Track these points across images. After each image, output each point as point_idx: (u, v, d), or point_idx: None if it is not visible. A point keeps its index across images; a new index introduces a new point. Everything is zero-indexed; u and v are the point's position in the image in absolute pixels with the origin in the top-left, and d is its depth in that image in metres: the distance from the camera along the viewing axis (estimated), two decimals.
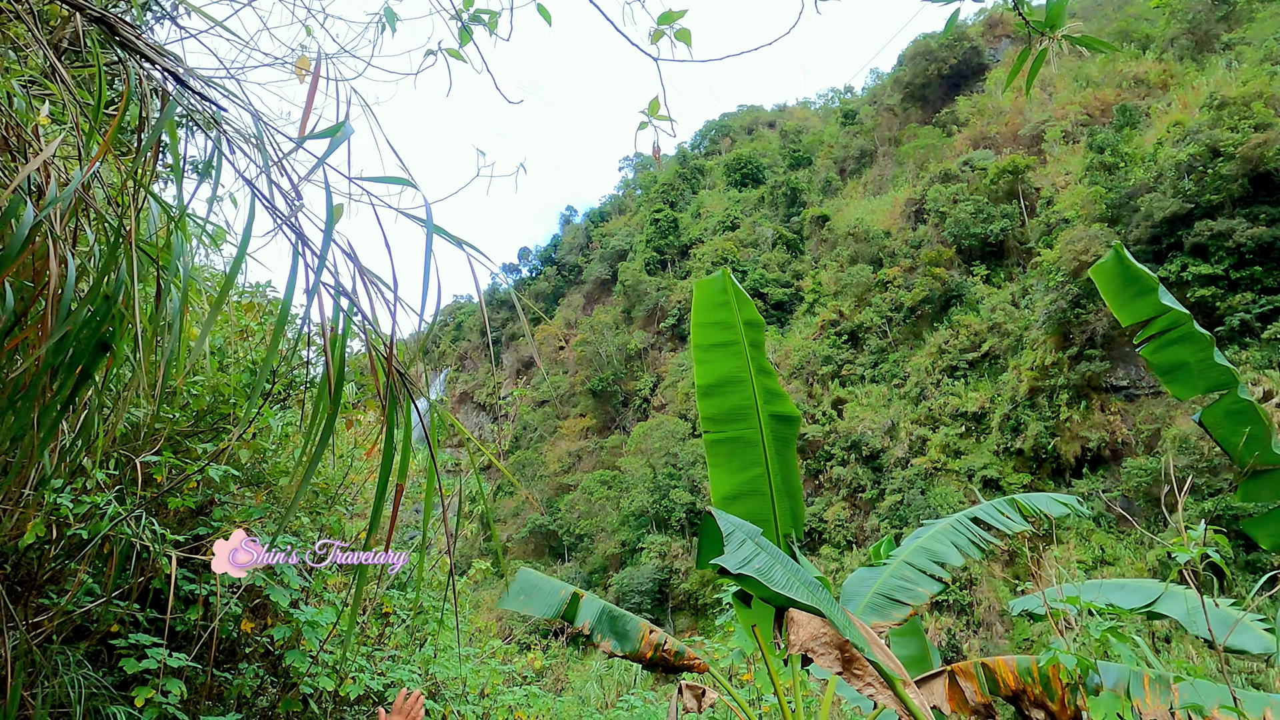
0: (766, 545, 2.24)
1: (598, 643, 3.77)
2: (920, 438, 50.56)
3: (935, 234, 60.23)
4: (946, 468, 48.31)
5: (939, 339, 54.30)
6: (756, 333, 3.49)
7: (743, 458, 3.64)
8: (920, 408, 52.10)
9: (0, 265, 1.35)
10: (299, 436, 6.78)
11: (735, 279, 3.55)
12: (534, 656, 10.83)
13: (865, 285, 60.75)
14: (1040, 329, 46.57)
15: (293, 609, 5.67)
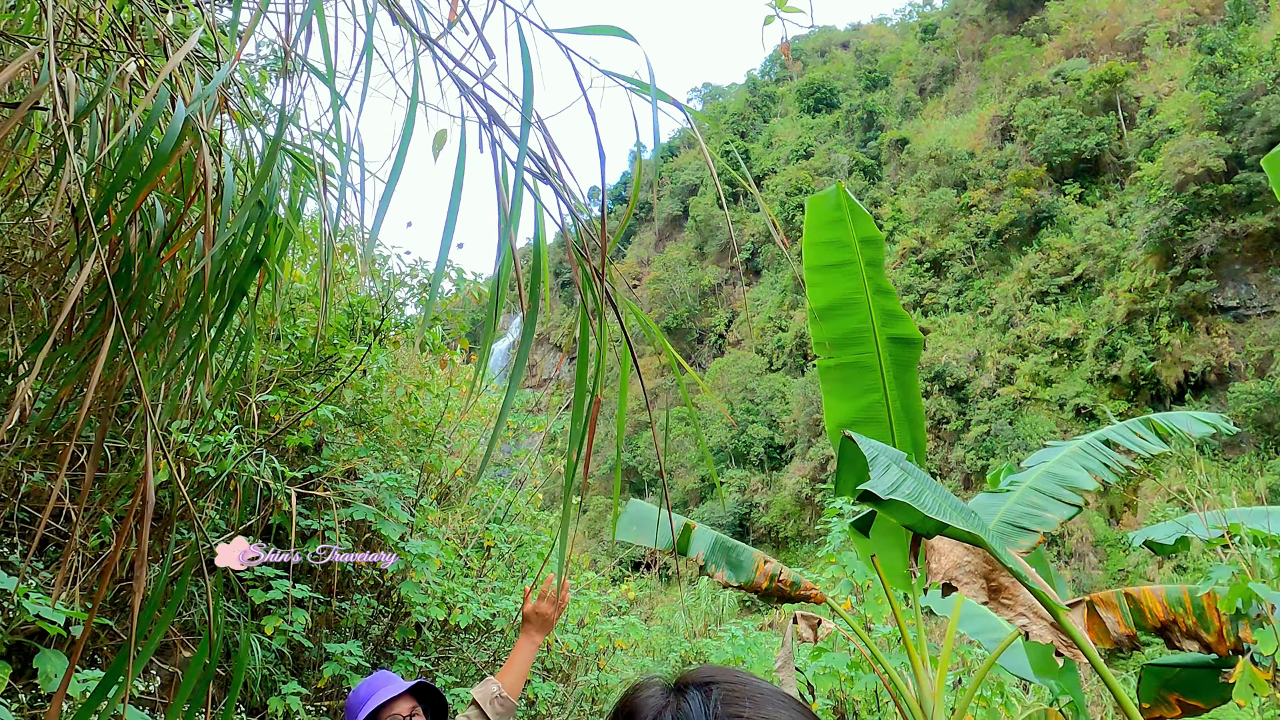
0: (913, 470, 2.12)
1: (712, 573, 3.73)
2: (1008, 367, 48.90)
3: (1024, 152, 57.12)
4: (1036, 397, 46.73)
5: (1028, 263, 51.96)
6: (874, 250, 3.29)
7: (860, 383, 3.48)
8: (1008, 335, 50.26)
9: (154, 167, 1.31)
10: (396, 377, 6.91)
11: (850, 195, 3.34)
12: (628, 588, 11.04)
13: (948, 210, 58.32)
14: (1140, 248, 44.01)
15: (401, 542, 5.84)
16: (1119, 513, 39.93)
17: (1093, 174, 54.11)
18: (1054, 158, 54.45)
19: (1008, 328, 51.12)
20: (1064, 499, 3.39)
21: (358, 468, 6.32)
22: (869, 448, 2.14)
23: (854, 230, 3.28)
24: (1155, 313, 43.29)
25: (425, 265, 6.66)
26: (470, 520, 8.56)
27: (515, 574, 8.65)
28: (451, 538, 8.06)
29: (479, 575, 8.00)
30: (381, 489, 5.74)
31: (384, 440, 7.03)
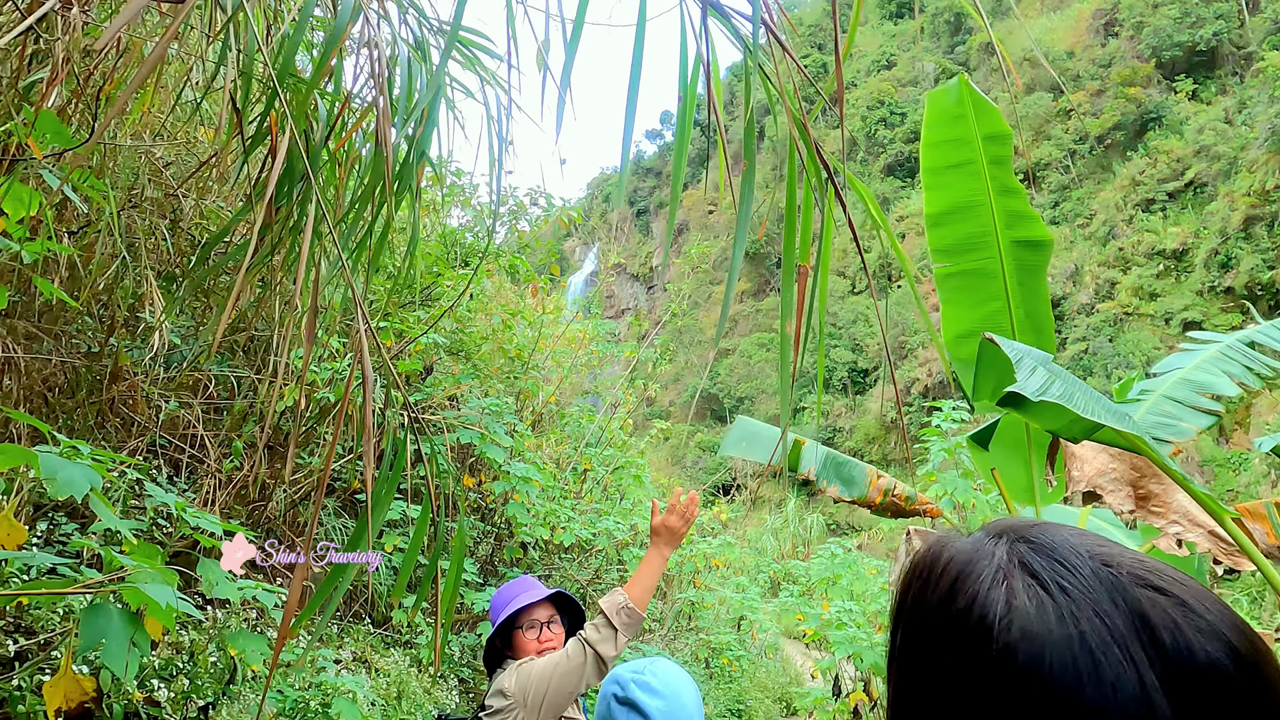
0: (1060, 371, 2.00)
1: (824, 488, 3.69)
2: (1108, 281, 46.40)
3: (1129, 48, 52.86)
4: (1139, 312, 44.35)
5: (1133, 170, 48.64)
6: (1000, 147, 3.08)
7: (979, 291, 3.31)
8: (1109, 248, 47.55)
9: (330, 42, 1.30)
10: (491, 305, 7.00)
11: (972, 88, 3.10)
12: (719, 509, 11.19)
13: (1044, 116, 54.84)
14: (1261, 147, 40.55)
15: (505, 465, 6.01)
16: (1229, 431, 38.05)
17: (1208, 68, 49.80)
18: (1164, 52, 50.21)
19: (1108, 240, 48.32)
20: (1201, 406, 3.19)
21: (459, 394, 6.49)
22: (1013, 349, 2.02)
23: (976, 127, 3.07)
24: (1276, 217, 40.13)
25: (515, 192, 6.65)
26: (563, 446, 8.76)
27: (611, 496, 8.86)
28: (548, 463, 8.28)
29: (576, 498, 8.21)
30: (485, 414, 5.89)
31: (480, 368, 7.20)
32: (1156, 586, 0.54)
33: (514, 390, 7.58)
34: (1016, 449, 3.43)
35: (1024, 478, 3.58)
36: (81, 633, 1.38)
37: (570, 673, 2.18)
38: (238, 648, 2.52)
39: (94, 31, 2.08)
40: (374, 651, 4.90)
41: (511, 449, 6.65)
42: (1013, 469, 3.50)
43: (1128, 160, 49.61)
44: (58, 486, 1.84)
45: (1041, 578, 0.56)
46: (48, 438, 1.79)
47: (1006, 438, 3.43)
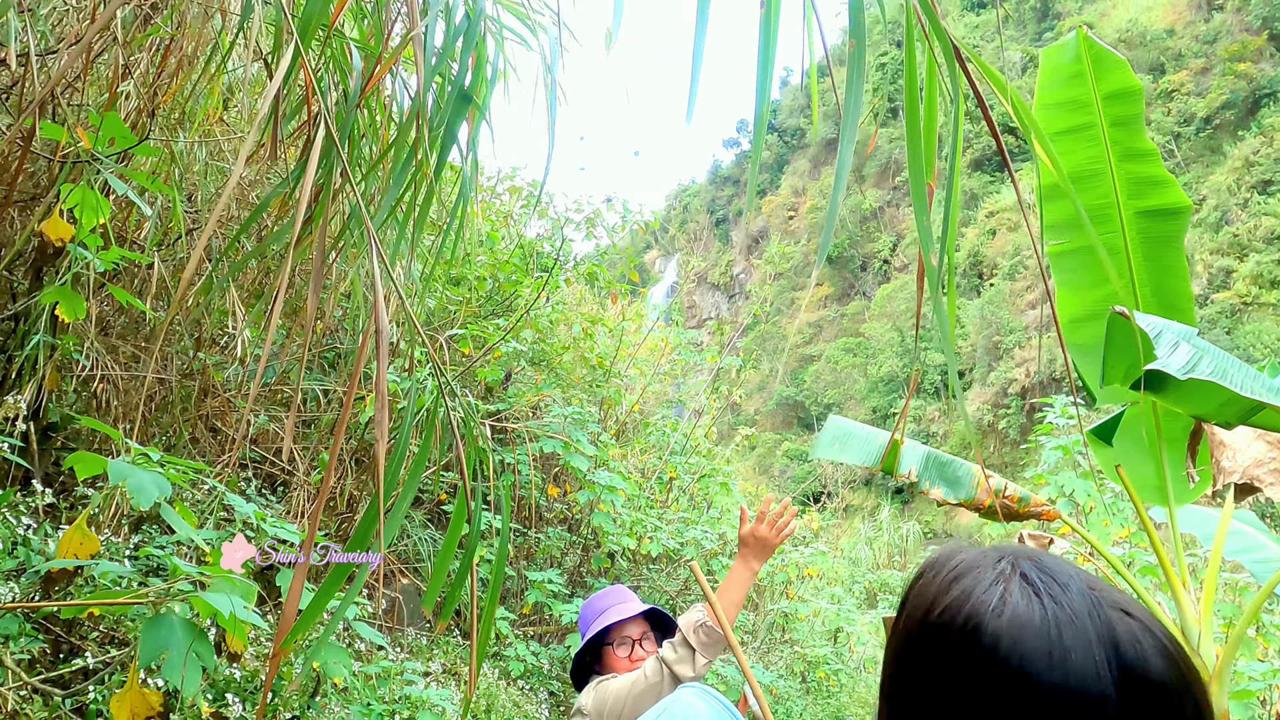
0: (1207, 346, 1.74)
1: (926, 490, 3.43)
2: (1223, 270, 43.47)
3: (1237, 21, 49.66)
4: (1259, 301, 41.37)
5: (1245, 150, 45.54)
6: (1124, 106, 2.77)
7: (1099, 270, 3.01)
8: (1222, 234, 44.56)
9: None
10: (571, 314, 6.95)
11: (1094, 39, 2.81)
12: (811, 518, 10.84)
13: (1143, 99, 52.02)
14: None
15: (589, 475, 5.91)
16: None
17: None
18: (1277, 23, 47.00)
19: (1221, 225, 45.32)
20: None
21: (542, 404, 6.44)
22: (1149, 323, 1.78)
23: (1096, 86, 2.78)
24: None
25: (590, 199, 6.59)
26: (648, 455, 8.63)
27: (698, 505, 8.67)
28: (632, 472, 8.16)
29: (663, 507, 8.07)
30: (568, 423, 5.81)
31: (562, 377, 7.15)
32: (1126, 610, 0.64)
33: (596, 399, 7.51)
34: (1144, 442, 3.11)
35: (1153, 474, 3.24)
36: (141, 644, 1.31)
37: (646, 693, 2.02)
38: (320, 660, 2.46)
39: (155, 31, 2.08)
40: (463, 664, 4.85)
41: (596, 458, 6.56)
42: (1140, 465, 3.17)
43: (1239, 140, 46.47)
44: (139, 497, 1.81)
45: (1036, 587, 0.64)
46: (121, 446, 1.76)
47: (1133, 430, 3.11)
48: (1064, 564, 0.67)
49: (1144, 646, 0.62)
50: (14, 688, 1.87)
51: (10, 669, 1.79)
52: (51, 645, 2.57)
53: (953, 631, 0.64)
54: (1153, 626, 0.63)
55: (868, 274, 76.01)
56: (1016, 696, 0.61)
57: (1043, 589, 0.64)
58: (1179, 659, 0.63)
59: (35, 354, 3.01)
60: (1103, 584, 0.66)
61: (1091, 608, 0.63)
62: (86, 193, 1.72)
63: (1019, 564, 0.67)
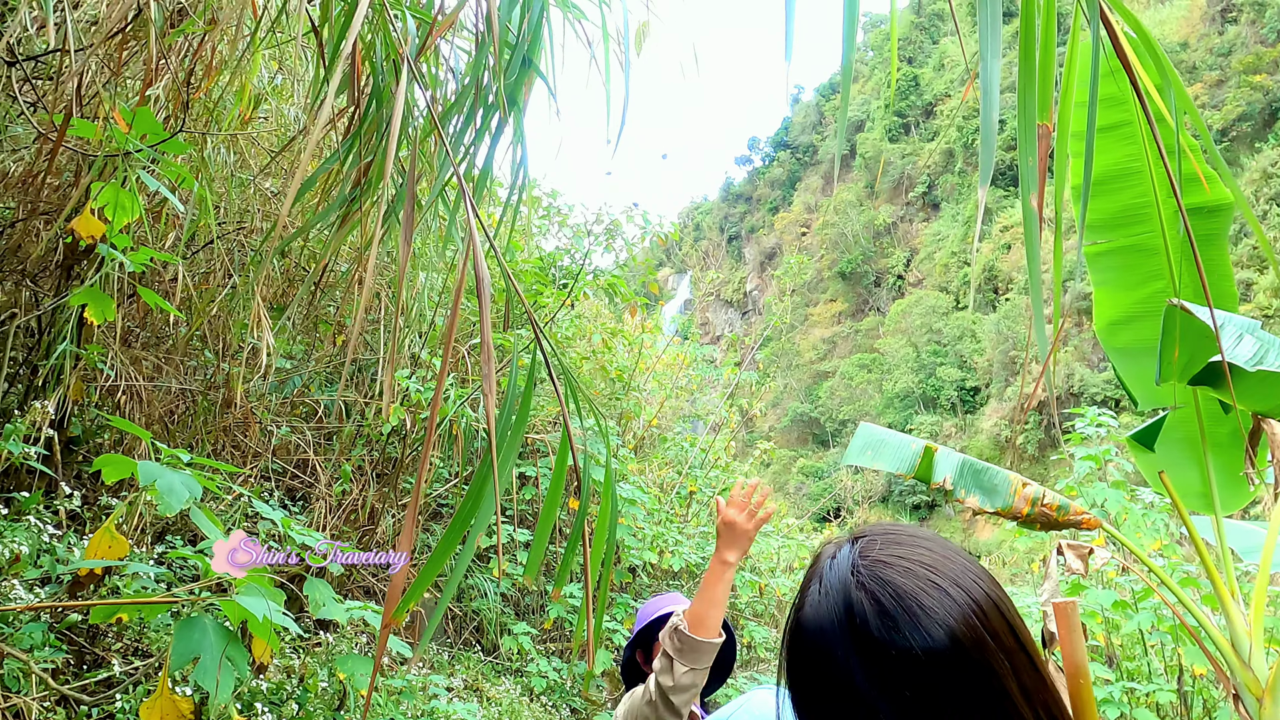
0: (1272, 339, 1.67)
1: (962, 499, 3.34)
2: (1243, 282, 43.01)
3: (1251, 34, 49.48)
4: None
5: (1262, 162, 45.22)
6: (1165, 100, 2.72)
7: (1138, 270, 2.94)
8: (1241, 247, 44.16)
9: None
10: (590, 326, 6.92)
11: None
12: (831, 532, 10.72)
13: None
14: None
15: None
16: None
17: None
18: None
19: (1240, 238, 44.93)
20: None
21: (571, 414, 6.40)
22: (1209, 316, 1.71)
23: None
24: None
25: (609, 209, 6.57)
26: (666, 470, 8.56)
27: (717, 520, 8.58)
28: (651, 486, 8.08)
29: (683, 521, 7.98)
30: (589, 435, 5.76)
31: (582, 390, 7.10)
32: (868, 588, 0.74)
33: (615, 412, 7.46)
34: (1189, 447, 3.02)
35: (1198, 481, 3.14)
36: (174, 648, 1.26)
37: (641, 709, 1.88)
38: (346, 671, 2.41)
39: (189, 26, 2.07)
40: (485, 680, 4.78)
41: (617, 472, 6.50)
42: (1185, 471, 3.08)
43: (1257, 152, 46.14)
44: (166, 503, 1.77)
45: (824, 582, 0.78)
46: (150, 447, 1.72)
47: (1177, 434, 3.02)
48: (867, 546, 0.78)
49: (870, 619, 0.72)
50: (38, 697, 1.83)
51: (36, 675, 1.75)
52: (75, 656, 2.52)
53: (791, 621, 0.80)
54: (889, 595, 0.72)
55: (881, 289, 75.76)
56: (804, 675, 0.77)
57: (826, 583, 0.77)
58: (927, 622, 0.71)
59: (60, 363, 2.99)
60: (875, 555, 0.77)
61: (845, 590, 0.75)
62: (118, 191, 1.70)
63: (827, 555, 0.81)
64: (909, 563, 0.76)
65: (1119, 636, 4.97)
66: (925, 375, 58.72)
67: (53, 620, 2.30)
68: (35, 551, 2.31)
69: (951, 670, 0.70)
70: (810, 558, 0.91)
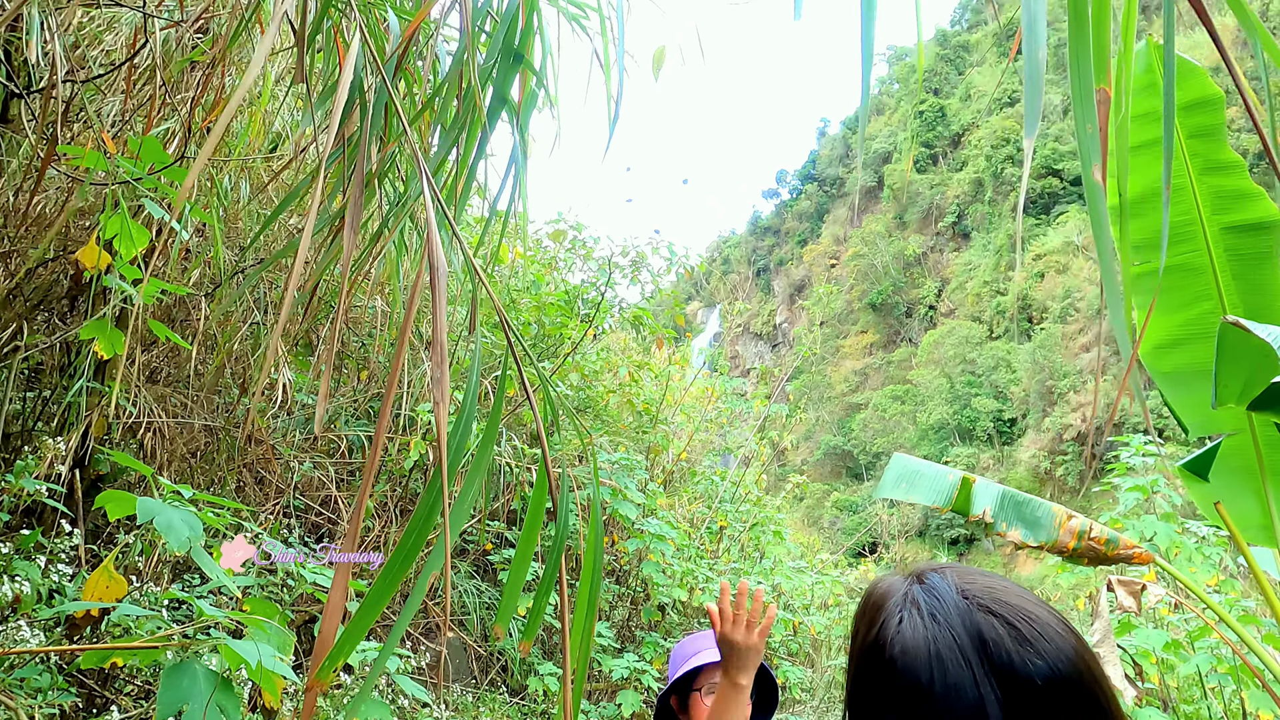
0: None
1: (1003, 532, 3.19)
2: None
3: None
4: None
5: None
6: (1206, 115, 2.61)
7: (1184, 291, 2.81)
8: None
9: None
10: (618, 359, 6.86)
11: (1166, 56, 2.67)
12: (868, 568, 10.45)
13: None
14: None
15: (637, 524, 5.73)
16: None
17: None
18: None
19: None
20: None
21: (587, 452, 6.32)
22: (1271, 334, 1.59)
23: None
24: None
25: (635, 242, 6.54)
26: (696, 504, 8.41)
27: (749, 555, 8.39)
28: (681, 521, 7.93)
29: (714, 557, 7.81)
30: (616, 469, 5.66)
31: (608, 424, 7.02)
32: (995, 612, 0.73)
33: (643, 446, 7.36)
34: (1246, 476, 2.85)
35: (1257, 512, 2.96)
36: (160, 696, 1.19)
37: None
38: (360, 716, 2.32)
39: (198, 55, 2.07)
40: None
41: (644, 506, 6.38)
42: (1243, 501, 2.91)
43: None
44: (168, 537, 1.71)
45: (921, 608, 0.75)
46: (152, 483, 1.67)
47: (1232, 462, 2.86)
48: (950, 574, 0.77)
49: (1007, 644, 0.69)
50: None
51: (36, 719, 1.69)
52: (85, 699, 2.46)
53: (873, 655, 0.75)
54: (1022, 624, 0.70)
55: (913, 320, 75.06)
56: (915, 707, 0.70)
57: (925, 608, 0.74)
58: (1058, 656, 0.69)
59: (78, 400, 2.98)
60: (978, 583, 0.75)
61: (964, 614, 0.72)
62: (125, 221, 1.67)
63: (912, 589, 0.77)
64: (1015, 592, 0.75)
65: (1174, 678, 4.72)
66: (960, 406, 57.78)
67: (62, 662, 2.24)
68: (47, 590, 2.26)
69: (1072, 698, 0.69)
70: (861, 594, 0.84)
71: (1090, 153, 0.82)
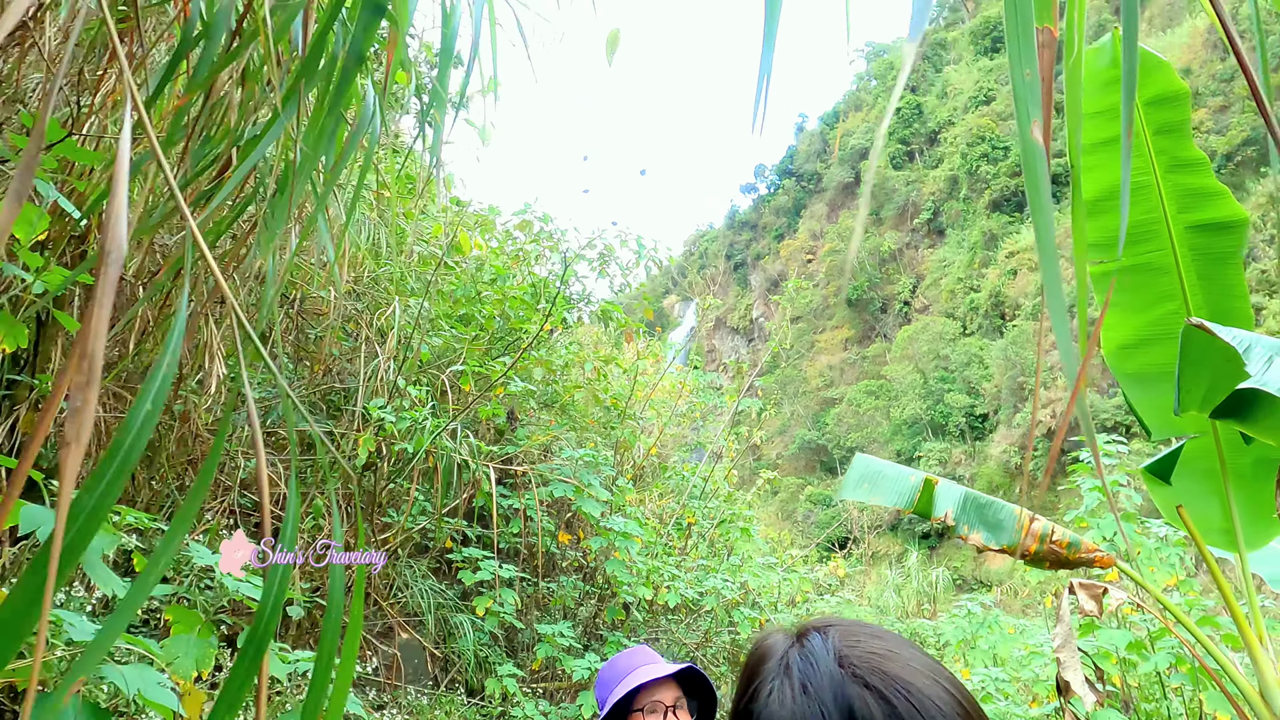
0: None
1: (965, 535, 3.14)
2: (1254, 307, 42.69)
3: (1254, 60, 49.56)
4: None
5: (1269, 186, 45.05)
6: (1169, 112, 2.55)
7: (1149, 291, 2.76)
8: (1249, 271, 43.86)
9: None
10: (584, 353, 6.75)
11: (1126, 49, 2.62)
12: (837, 564, 10.43)
13: None
14: None
15: (602, 520, 5.64)
16: None
17: None
18: None
19: (1249, 263, 44.67)
20: None
21: (553, 447, 6.20)
22: (1235, 336, 1.52)
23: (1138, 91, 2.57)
24: None
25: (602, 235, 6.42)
26: (666, 500, 8.33)
27: (718, 552, 8.33)
28: (650, 517, 7.85)
29: (681, 554, 7.74)
30: (579, 465, 5.56)
31: (576, 419, 6.91)
32: (870, 685, 0.65)
33: (612, 442, 7.26)
34: (1209, 479, 2.81)
35: (1219, 516, 2.93)
36: None
37: None
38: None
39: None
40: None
41: (611, 503, 6.29)
42: (1204, 505, 2.87)
43: (1263, 176, 46.02)
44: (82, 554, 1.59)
45: (793, 677, 0.69)
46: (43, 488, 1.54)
47: (1195, 465, 2.82)
48: (832, 639, 0.70)
49: (872, 709, 0.63)
50: None
51: None
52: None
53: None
54: (894, 694, 0.63)
55: (888, 316, 75.55)
56: None
57: (797, 677, 0.68)
58: (918, 709, 0.63)
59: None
60: (859, 648, 0.68)
61: (836, 687, 0.65)
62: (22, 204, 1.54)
63: (790, 653, 0.71)
64: (902, 659, 0.68)
65: (1135, 677, 4.72)
66: (933, 402, 58.29)
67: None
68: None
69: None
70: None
71: (1028, 105, 0.72)
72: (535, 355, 5.59)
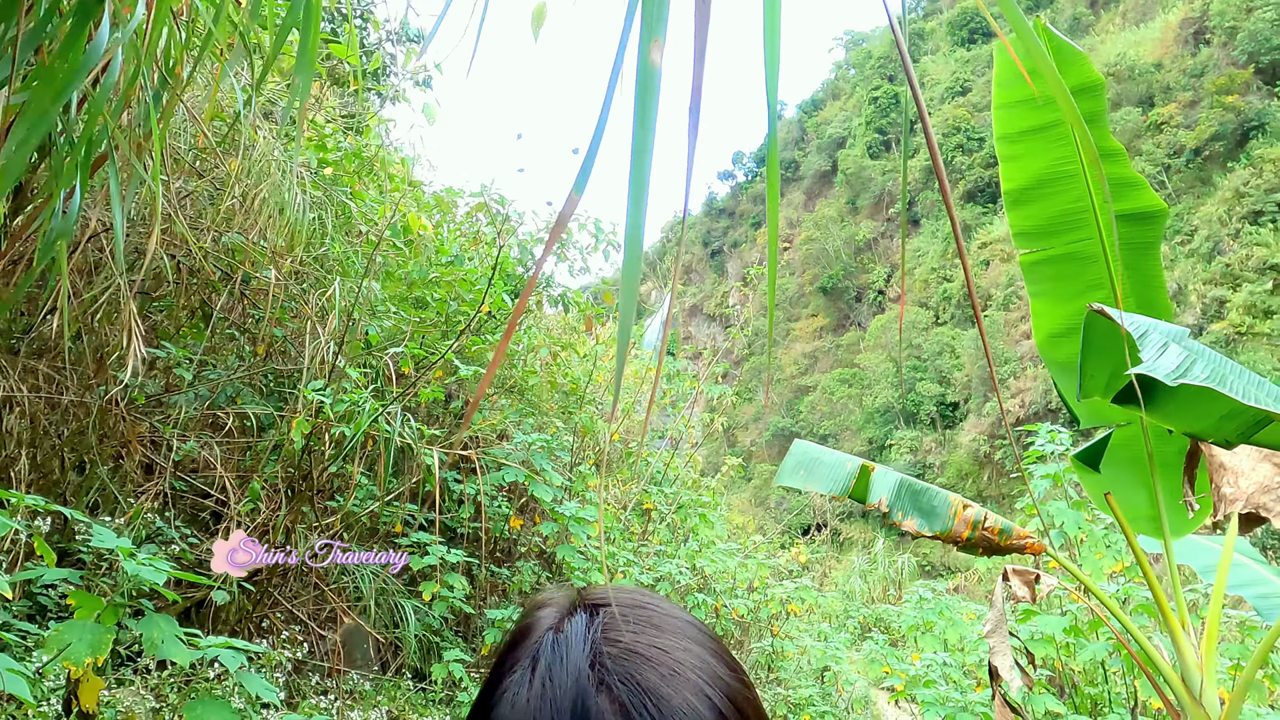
0: (1200, 349, 1.48)
1: (899, 521, 3.14)
2: (1216, 300, 43.41)
3: (1223, 56, 50.25)
4: (1253, 331, 41.27)
5: (1235, 181, 45.80)
6: (1091, 101, 2.54)
7: (1077, 280, 2.76)
8: (1214, 265, 44.63)
9: None
10: (542, 339, 6.69)
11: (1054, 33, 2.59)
12: (798, 551, 10.49)
13: (1133, 131, 52.39)
14: None
15: (556, 506, 5.61)
16: None
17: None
18: (1262, 57, 47.58)
19: (1213, 256, 45.43)
20: None
21: (509, 431, 6.15)
22: (1135, 323, 1.51)
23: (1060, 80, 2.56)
24: None
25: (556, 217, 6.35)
26: (630, 486, 8.32)
27: (678, 538, 8.34)
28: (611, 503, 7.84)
29: (641, 539, 7.74)
30: (532, 450, 5.52)
31: (535, 405, 6.86)
32: (613, 688, 0.57)
33: (572, 426, 7.22)
34: (1135, 467, 2.83)
35: (1145, 503, 2.96)
36: None
37: None
38: (195, 718, 2.16)
39: None
40: (412, 710, 4.51)
41: (569, 488, 6.26)
42: (1131, 493, 2.90)
43: (1229, 171, 46.74)
44: None
45: (539, 668, 0.60)
46: None
47: (1121, 454, 2.84)
48: (596, 624, 0.62)
49: None
50: None
51: None
52: None
53: (479, 711, 0.63)
54: (639, 703, 0.57)
55: (862, 305, 76.03)
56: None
57: (543, 667, 0.60)
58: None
59: None
60: (622, 641, 0.61)
61: (579, 695, 0.58)
62: None
63: (548, 636, 0.63)
64: (674, 659, 0.60)
65: (1076, 663, 4.79)
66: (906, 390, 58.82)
67: None
68: None
69: None
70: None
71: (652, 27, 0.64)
72: (489, 340, 5.54)
